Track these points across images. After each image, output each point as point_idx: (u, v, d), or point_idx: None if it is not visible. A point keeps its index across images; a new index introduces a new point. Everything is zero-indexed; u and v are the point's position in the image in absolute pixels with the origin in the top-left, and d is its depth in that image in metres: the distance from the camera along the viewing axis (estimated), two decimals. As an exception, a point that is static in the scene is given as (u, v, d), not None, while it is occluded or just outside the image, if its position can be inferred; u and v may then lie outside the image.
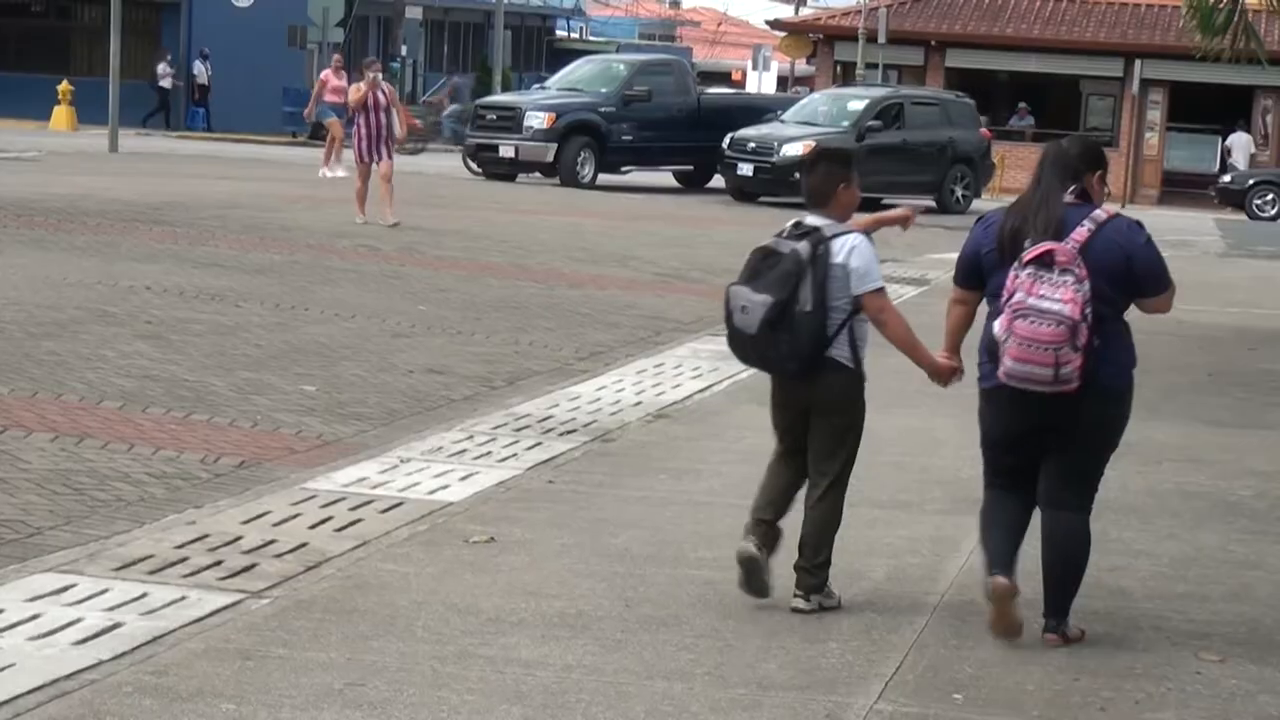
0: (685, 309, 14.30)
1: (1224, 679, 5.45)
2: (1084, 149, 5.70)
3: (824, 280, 5.79)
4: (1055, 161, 5.61)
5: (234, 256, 14.98)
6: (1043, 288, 5.39)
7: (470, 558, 6.43)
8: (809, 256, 5.81)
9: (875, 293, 5.88)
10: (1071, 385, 5.42)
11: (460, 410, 9.49)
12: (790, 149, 27.33)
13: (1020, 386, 5.49)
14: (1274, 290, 17.64)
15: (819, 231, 5.90)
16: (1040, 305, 5.38)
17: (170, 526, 6.70)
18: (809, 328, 5.78)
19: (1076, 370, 5.40)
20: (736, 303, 5.88)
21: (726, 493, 7.68)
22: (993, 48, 40.10)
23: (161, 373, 9.80)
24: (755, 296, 5.81)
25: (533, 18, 57.16)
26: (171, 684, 4.97)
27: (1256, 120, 39.34)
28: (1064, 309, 5.36)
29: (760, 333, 5.82)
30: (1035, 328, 5.38)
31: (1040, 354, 5.38)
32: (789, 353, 5.83)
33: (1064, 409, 5.51)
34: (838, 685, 5.22)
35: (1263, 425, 10.17)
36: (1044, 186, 5.57)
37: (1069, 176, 5.58)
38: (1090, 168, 5.64)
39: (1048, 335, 5.37)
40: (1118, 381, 5.58)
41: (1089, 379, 5.45)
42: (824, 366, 5.87)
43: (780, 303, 5.77)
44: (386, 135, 18.13)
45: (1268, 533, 7.46)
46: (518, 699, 4.98)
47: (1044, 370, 5.40)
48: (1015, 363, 5.45)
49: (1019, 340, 5.41)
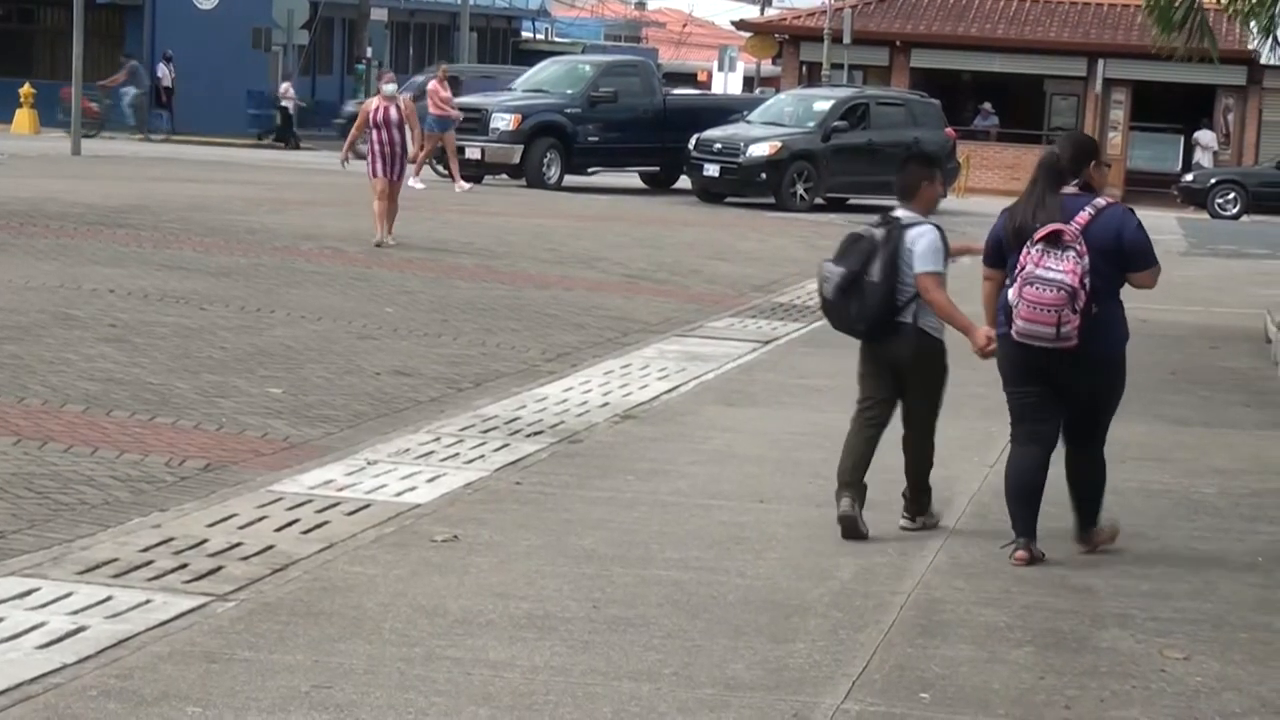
0: (652, 310, 14.31)
1: (1188, 676, 5.48)
2: (1073, 153, 6.74)
3: (894, 258, 6.97)
4: (1048, 170, 6.70)
5: (198, 259, 14.92)
6: (1048, 260, 6.49)
7: (437, 559, 6.42)
8: (883, 238, 7.02)
9: (926, 274, 6.99)
10: (1071, 342, 6.48)
11: (427, 412, 9.48)
12: (756, 150, 27.36)
13: (1028, 342, 6.57)
14: (1235, 289, 17.74)
15: (898, 220, 7.08)
16: (1045, 275, 6.48)
17: (135, 530, 6.68)
18: (876, 295, 6.97)
19: (1075, 329, 6.46)
20: (822, 274, 7.17)
21: (693, 493, 7.69)
22: (957, 48, 40.23)
23: (126, 376, 9.76)
24: (835, 269, 7.09)
25: (498, 19, 57.07)
26: (136, 687, 4.95)
27: (1218, 119, 39.55)
28: (1064, 278, 6.44)
29: (835, 298, 7.06)
30: (1040, 293, 6.47)
31: (1045, 314, 6.48)
32: (857, 315, 7.04)
33: (1064, 367, 6.59)
34: (805, 685, 5.23)
35: (1225, 423, 10.23)
36: (1040, 189, 6.67)
37: (1059, 180, 6.67)
38: (1084, 164, 6.71)
39: (1050, 299, 6.45)
40: (1111, 350, 6.67)
41: (1086, 344, 6.49)
42: (897, 330, 7.03)
43: (852, 273, 7.00)
44: (401, 153, 16.99)
45: (1230, 530, 7.50)
46: (485, 700, 4.97)
47: (1047, 329, 6.49)
48: (1024, 322, 6.54)
49: (1028, 303, 6.51)
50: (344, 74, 46.70)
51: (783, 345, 12.57)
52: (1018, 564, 6.65)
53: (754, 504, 7.53)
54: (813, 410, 9.93)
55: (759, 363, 11.70)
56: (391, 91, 17.17)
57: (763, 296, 15.58)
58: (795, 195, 27.45)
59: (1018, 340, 6.62)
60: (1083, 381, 6.67)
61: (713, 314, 14.16)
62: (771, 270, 17.82)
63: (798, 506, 7.53)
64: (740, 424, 9.38)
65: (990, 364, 7.58)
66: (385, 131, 16.80)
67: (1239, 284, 18.33)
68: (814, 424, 9.47)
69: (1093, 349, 6.55)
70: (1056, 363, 6.59)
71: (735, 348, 12.27)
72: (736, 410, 9.81)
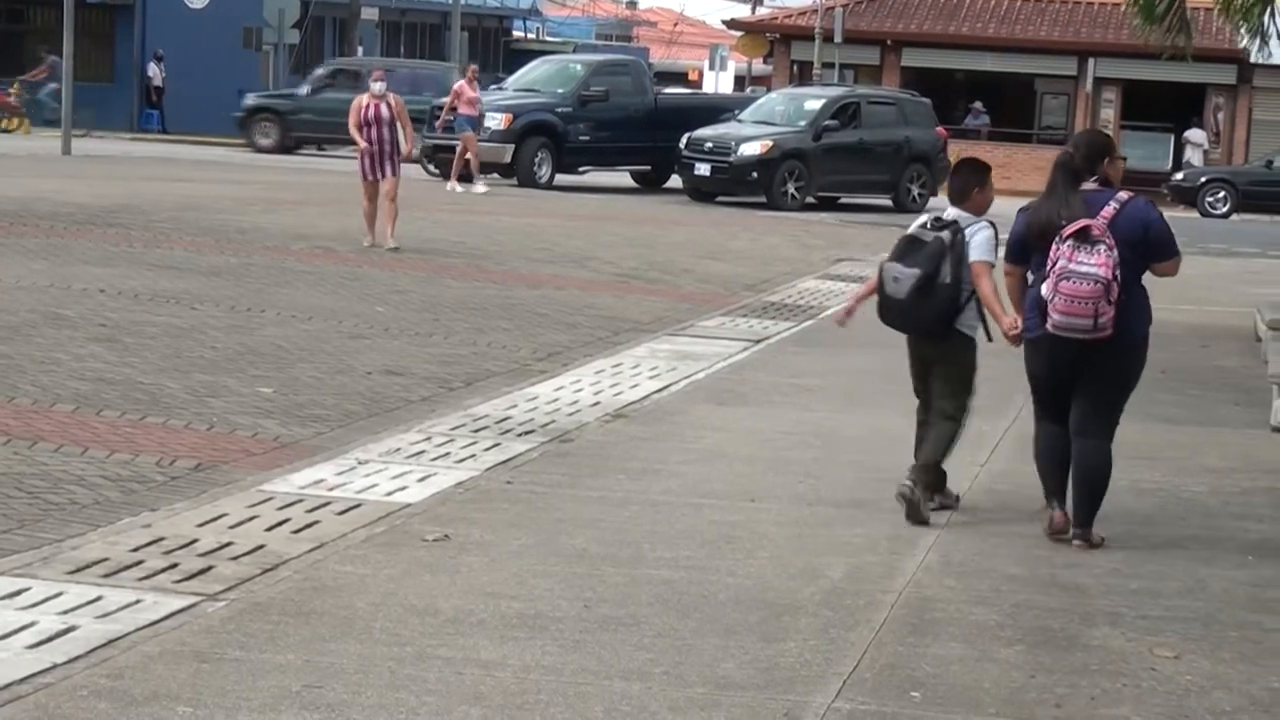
0: (643, 309, 14.30)
1: (1179, 675, 5.49)
2: (1088, 151, 7.04)
3: (960, 260, 7.30)
4: (1065, 170, 6.97)
5: (189, 259, 14.91)
6: (1081, 255, 6.74)
7: (428, 559, 6.42)
8: (950, 241, 7.31)
9: (978, 261, 7.31)
10: (1106, 333, 6.77)
11: (418, 411, 9.48)
12: (747, 149, 27.37)
13: (1065, 335, 6.82)
14: (1226, 287, 17.77)
15: (956, 223, 7.38)
16: (1080, 269, 6.73)
17: (125, 529, 6.67)
18: (947, 295, 7.30)
19: (1110, 320, 6.75)
20: (889, 275, 7.39)
21: (684, 492, 7.69)
22: (948, 47, 40.26)
23: (116, 375, 9.75)
24: (906, 270, 7.33)
25: (489, 18, 57.04)
26: (127, 687, 4.94)
27: (1208, 118, 39.61)
28: (1099, 271, 6.71)
29: (909, 298, 7.31)
30: (1077, 287, 6.72)
31: (1082, 307, 6.74)
32: (932, 315, 7.32)
33: (1095, 354, 6.86)
34: (796, 684, 5.23)
35: (1215, 422, 10.24)
36: (1061, 189, 6.93)
37: (1077, 178, 6.93)
38: (1099, 161, 7.00)
39: (1087, 292, 6.72)
40: (1141, 331, 6.95)
41: (1119, 330, 6.78)
42: (949, 332, 7.40)
43: (928, 275, 7.28)
44: (392, 151, 16.60)
45: (1221, 529, 7.51)
46: (476, 700, 4.97)
47: (1085, 320, 6.75)
48: (1061, 315, 6.78)
49: (1064, 297, 6.74)
50: (335, 73, 46.63)
51: (774, 344, 12.57)
52: (1058, 527, 7.04)
53: (745, 503, 7.53)
54: (804, 409, 9.93)
55: (750, 362, 11.71)
56: (381, 90, 16.80)
57: (754, 295, 15.58)
58: (786, 194, 27.46)
59: (1054, 334, 6.86)
60: (1111, 364, 6.94)
61: (704, 313, 14.16)
62: (763, 269, 17.82)
63: (789, 505, 7.53)
64: (731, 423, 9.38)
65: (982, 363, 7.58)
66: (376, 130, 16.48)
67: (1229, 282, 18.36)
68: (805, 423, 9.47)
69: (1122, 333, 6.84)
70: (1089, 353, 6.87)
71: (726, 347, 12.27)
72: (727, 409, 9.81)
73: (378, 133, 16.54)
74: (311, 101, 35.00)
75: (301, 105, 35.15)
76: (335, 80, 35.43)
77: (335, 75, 35.76)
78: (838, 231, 23.76)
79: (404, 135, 16.71)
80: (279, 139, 35.05)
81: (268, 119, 35.43)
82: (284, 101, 35.73)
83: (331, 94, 34.94)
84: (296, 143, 35.20)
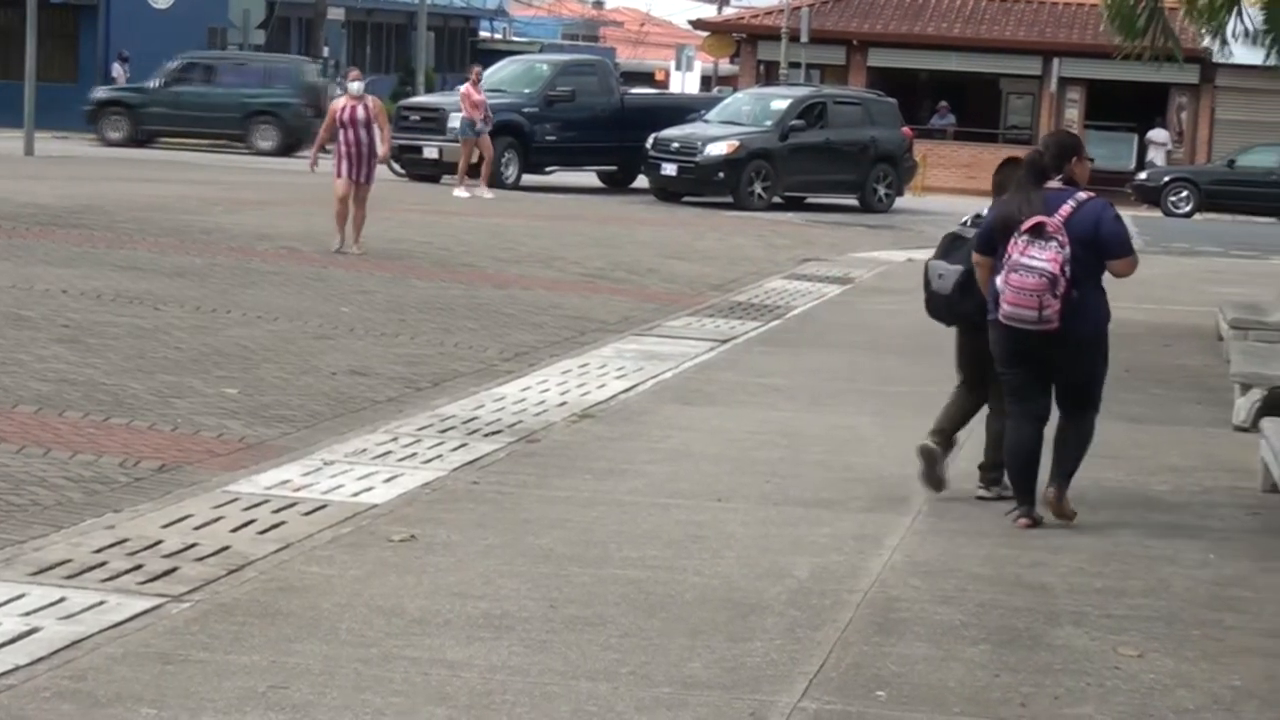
0: (610, 309, 14.31)
1: (1142, 673, 5.52)
2: (1056, 151, 7.38)
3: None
4: (1031, 168, 7.34)
5: (153, 259, 14.85)
6: (1033, 249, 7.10)
7: (395, 559, 6.41)
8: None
9: None
10: (1052, 325, 7.07)
11: (384, 412, 9.46)
12: (714, 149, 27.39)
13: (1013, 324, 7.17)
14: (1188, 287, 17.86)
15: None
16: (1029, 263, 7.09)
17: (88, 531, 6.64)
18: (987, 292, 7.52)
19: (1055, 313, 7.04)
20: (934, 272, 7.79)
21: (651, 492, 7.69)
22: (914, 47, 40.37)
23: (79, 376, 9.70)
24: (950, 267, 7.72)
25: (456, 19, 56.97)
26: (90, 689, 4.92)
27: (1171, 118, 39.81)
28: (1046, 265, 7.04)
29: (954, 293, 7.67)
30: (1024, 279, 7.08)
31: (1027, 299, 7.08)
32: (974, 309, 7.55)
33: (1047, 346, 7.18)
34: (762, 683, 5.24)
35: (1178, 420, 10.29)
36: (1025, 186, 7.28)
37: (1043, 176, 7.27)
38: (1065, 160, 7.33)
39: (1033, 284, 7.06)
40: (1091, 330, 7.24)
41: (1067, 325, 7.08)
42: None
43: (969, 270, 7.56)
44: (370, 154, 16.23)
45: (1184, 527, 7.55)
46: (442, 700, 4.97)
47: (1030, 312, 7.10)
48: (1009, 306, 7.15)
49: (1013, 289, 7.12)
50: (300, 73, 46.47)
51: (740, 344, 12.59)
52: (1022, 528, 7.28)
53: (711, 503, 7.54)
54: (770, 409, 9.95)
55: (716, 362, 11.72)
56: (358, 90, 16.48)
57: (720, 295, 15.60)
58: (753, 194, 27.50)
59: (1004, 323, 7.20)
60: (1067, 360, 7.26)
61: (670, 313, 14.17)
62: (729, 269, 17.84)
63: (755, 505, 7.54)
64: (698, 423, 9.39)
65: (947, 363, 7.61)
66: (352, 131, 16.14)
67: (1191, 282, 18.46)
68: (771, 423, 9.49)
69: (1074, 330, 7.13)
70: (1042, 344, 7.18)
71: (693, 347, 12.28)
72: (694, 409, 9.82)
73: (354, 134, 16.18)
74: (162, 95, 34.90)
75: (152, 99, 35.01)
76: (187, 74, 35.39)
77: (187, 69, 35.69)
78: (804, 231, 23.80)
79: (380, 138, 16.39)
80: (130, 132, 34.84)
81: (118, 112, 35.22)
82: (134, 95, 35.56)
83: (182, 88, 34.95)
84: (148, 136, 34.94)
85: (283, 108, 34.93)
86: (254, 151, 34.25)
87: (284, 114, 34.88)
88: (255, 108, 34.85)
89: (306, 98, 34.99)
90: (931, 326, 8.28)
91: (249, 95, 35.01)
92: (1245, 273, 20.47)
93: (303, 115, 34.51)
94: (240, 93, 35.03)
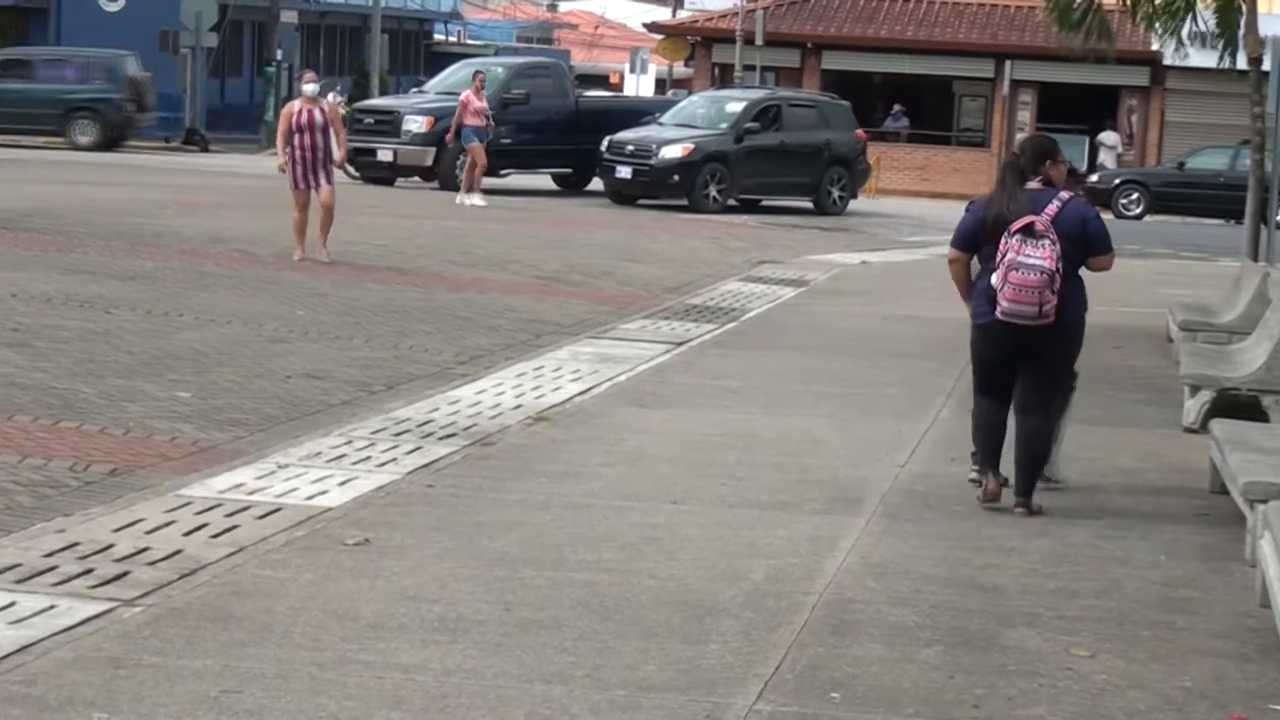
0: (565, 312, 14.30)
1: (1094, 674, 5.55)
2: (1033, 153, 7.74)
3: None
4: (1011, 170, 7.67)
5: (103, 263, 14.75)
6: (1028, 248, 7.41)
7: (349, 563, 6.39)
8: None
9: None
10: (1049, 319, 7.47)
11: (339, 415, 9.42)
12: (668, 151, 27.40)
13: (1013, 321, 7.46)
14: (1138, 289, 17.96)
15: None
16: (1028, 261, 7.40)
17: (38, 535, 6.59)
18: None
19: (1053, 308, 7.44)
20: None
21: (606, 495, 7.69)
22: (868, 49, 40.51)
23: (28, 380, 9.63)
24: None
25: (410, 21, 56.80)
26: (40, 693, 4.88)
27: (1122, 120, 40.07)
28: (1044, 263, 7.40)
29: None
30: (1025, 277, 7.40)
31: (1029, 296, 7.41)
32: None
33: (1037, 339, 7.54)
34: (717, 686, 5.24)
35: (1128, 422, 10.35)
36: (1008, 186, 7.59)
37: (1022, 177, 7.59)
38: (1042, 163, 7.67)
39: (1034, 281, 7.40)
40: (1077, 318, 7.66)
41: (1059, 316, 7.46)
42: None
43: None
44: (326, 159, 15.71)
45: (1135, 529, 7.60)
46: (397, 704, 4.95)
47: (1030, 308, 7.43)
48: (1010, 303, 7.44)
49: (1013, 286, 7.40)
50: (254, 76, 46.33)
51: (695, 347, 12.60)
52: (992, 494, 7.64)
53: (667, 505, 7.54)
54: (725, 411, 9.96)
55: (672, 364, 11.73)
56: (313, 92, 15.99)
57: (675, 298, 15.61)
58: (708, 197, 27.52)
59: (1003, 320, 7.49)
60: (1052, 348, 7.63)
61: (625, 316, 14.17)
62: (684, 272, 17.86)
63: (710, 508, 7.55)
64: (653, 425, 9.40)
65: (901, 365, 7.63)
66: (309, 136, 15.60)
67: (1141, 284, 18.56)
68: (727, 425, 9.50)
69: (1063, 322, 7.54)
70: (1032, 338, 7.54)
71: (648, 349, 12.28)
72: (649, 412, 9.83)
73: (310, 139, 15.65)
74: None
75: None
76: (5, 70, 35.03)
77: (5, 65, 35.34)
78: (759, 234, 23.84)
79: (336, 142, 15.93)
80: None
81: None
82: None
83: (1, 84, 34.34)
84: None
85: (103, 103, 34.46)
86: (73, 147, 33.61)
87: (104, 109, 34.43)
88: (75, 103, 34.34)
89: (128, 92, 34.64)
90: (886, 329, 8.31)
91: (68, 91, 34.51)
92: (1194, 274, 20.61)
93: (123, 110, 34.28)
94: (59, 88, 34.52)
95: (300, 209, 15.88)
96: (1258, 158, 16.93)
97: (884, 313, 14.81)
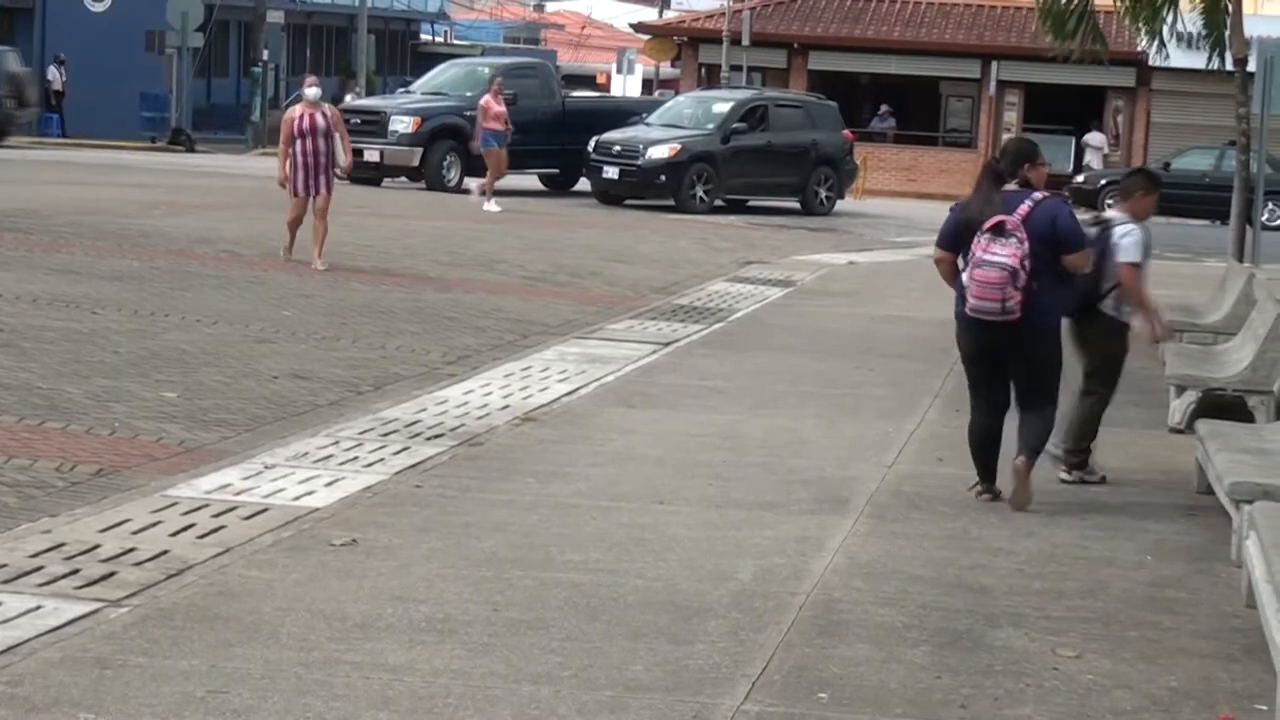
0: (552, 312, 14.29)
1: (1080, 674, 5.56)
2: (1013, 156, 7.92)
3: (1104, 254, 8.25)
4: (989, 173, 7.89)
5: (90, 263, 14.72)
6: (995, 246, 7.61)
7: (336, 563, 6.38)
8: (1096, 235, 8.26)
9: (1123, 263, 8.28)
10: (1014, 316, 7.59)
11: (326, 416, 9.41)
12: (655, 152, 27.41)
13: (979, 317, 7.67)
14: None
15: (1109, 222, 8.45)
16: (991, 259, 7.60)
17: (24, 535, 6.57)
18: (1088, 284, 8.19)
19: (1017, 304, 7.57)
20: None
21: (593, 495, 7.69)
22: (854, 50, 40.53)
23: (13, 380, 9.61)
24: None
25: (397, 21, 56.74)
26: (27, 694, 4.87)
27: (1108, 120, 40.13)
28: (1007, 260, 7.57)
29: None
30: (986, 274, 7.60)
31: (991, 292, 7.60)
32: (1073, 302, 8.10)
33: (1009, 336, 7.68)
34: (704, 686, 5.25)
35: (1115, 423, 10.34)
36: (985, 189, 7.81)
37: (1000, 179, 7.81)
38: (1020, 165, 7.84)
39: (995, 278, 7.59)
40: (1048, 320, 7.79)
41: (1027, 316, 7.59)
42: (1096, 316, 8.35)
43: None
44: (328, 164, 15.29)
45: (1120, 529, 7.61)
46: (384, 705, 4.95)
47: (993, 304, 7.61)
48: (975, 299, 7.67)
49: (977, 283, 7.62)
50: (240, 77, 46.26)
51: (683, 347, 12.60)
52: (984, 503, 7.83)
53: (654, 505, 7.54)
54: (712, 411, 9.97)
55: (659, 365, 11.73)
56: (315, 96, 15.47)
57: (662, 299, 15.61)
58: (695, 197, 27.52)
59: (970, 316, 7.69)
60: (1025, 349, 7.75)
61: (612, 316, 14.17)
62: (671, 272, 17.86)
63: (698, 508, 7.55)
64: (640, 426, 9.40)
65: (888, 365, 7.64)
66: (311, 141, 15.21)
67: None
68: (714, 425, 9.50)
69: (1032, 320, 7.63)
70: (1003, 335, 7.68)
71: (635, 350, 12.28)
72: (636, 412, 9.83)
73: (313, 144, 15.20)
74: None
75: None
76: None
77: None
78: (746, 234, 23.85)
79: (341, 147, 15.53)
80: None
81: None
82: None
83: None
84: None
85: None
86: None
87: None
88: None
89: (7, 89, 34.29)
90: (874, 329, 8.33)
91: None
92: (1180, 275, 20.65)
93: (3, 107, 33.90)
94: None
95: (296, 215, 15.61)
96: (1243, 159, 16.98)
97: (871, 313, 14.83)
